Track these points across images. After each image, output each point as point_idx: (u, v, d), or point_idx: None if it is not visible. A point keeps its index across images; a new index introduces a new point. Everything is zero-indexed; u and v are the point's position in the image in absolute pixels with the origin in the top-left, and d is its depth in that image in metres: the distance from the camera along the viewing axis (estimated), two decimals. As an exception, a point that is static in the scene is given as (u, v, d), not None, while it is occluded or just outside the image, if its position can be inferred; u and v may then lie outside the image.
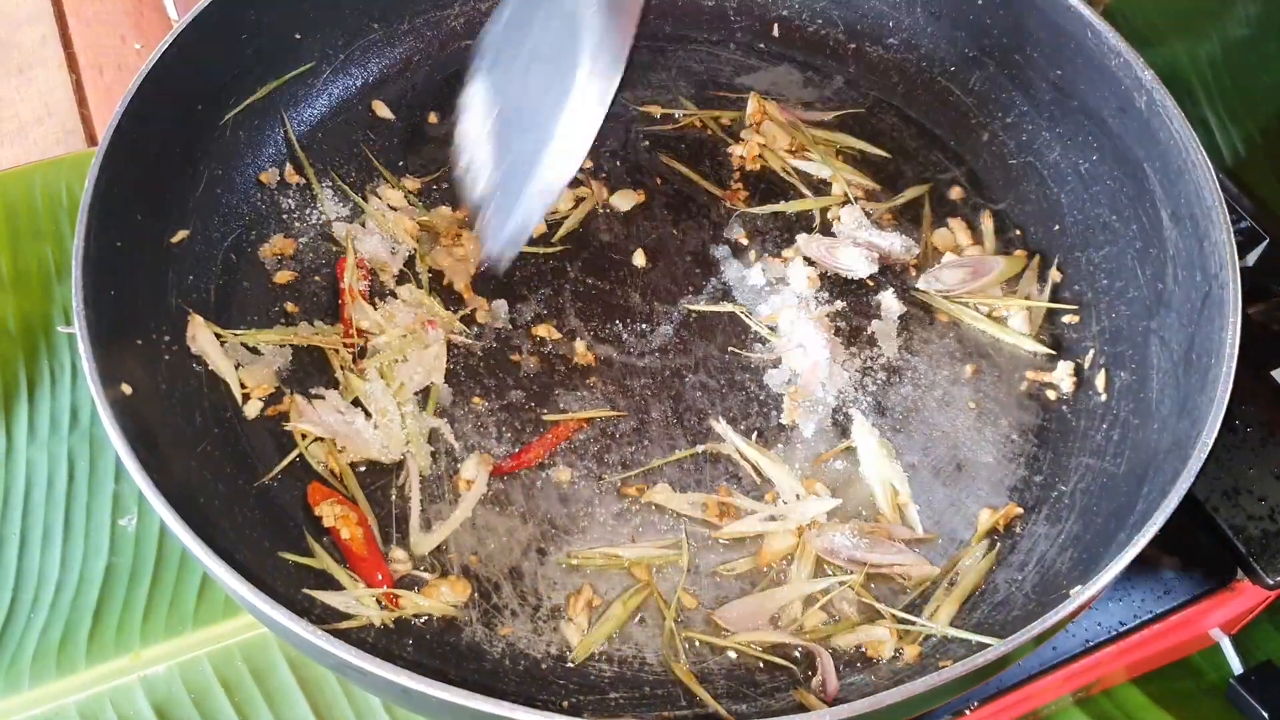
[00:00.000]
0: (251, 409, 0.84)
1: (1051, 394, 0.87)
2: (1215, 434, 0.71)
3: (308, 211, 0.94)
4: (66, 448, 0.95)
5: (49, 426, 0.96)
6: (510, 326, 0.89)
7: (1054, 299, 0.91)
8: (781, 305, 0.90)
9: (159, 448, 0.76)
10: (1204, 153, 0.82)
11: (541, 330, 0.89)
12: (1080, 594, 0.67)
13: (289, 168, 0.96)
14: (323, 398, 0.84)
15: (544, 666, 0.75)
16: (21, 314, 1.01)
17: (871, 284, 0.92)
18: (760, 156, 0.98)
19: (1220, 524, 0.87)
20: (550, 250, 0.93)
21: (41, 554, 0.90)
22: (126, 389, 0.75)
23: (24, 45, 1.23)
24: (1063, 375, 0.87)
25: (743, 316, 0.90)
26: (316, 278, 0.91)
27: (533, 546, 0.80)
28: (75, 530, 0.91)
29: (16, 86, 1.20)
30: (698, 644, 0.76)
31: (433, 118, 1.00)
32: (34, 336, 1.00)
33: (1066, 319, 0.90)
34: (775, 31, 1.05)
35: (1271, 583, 0.85)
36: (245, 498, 0.80)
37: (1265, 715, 0.83)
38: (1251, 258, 0.97)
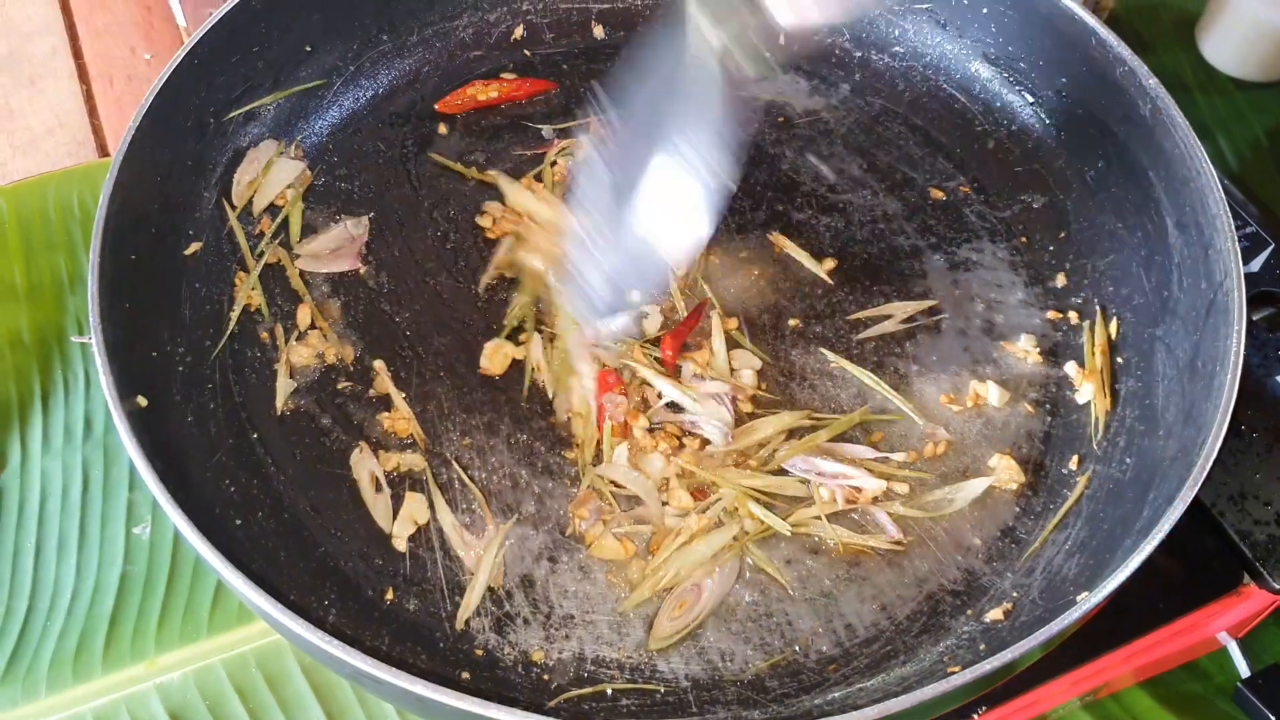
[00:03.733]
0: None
1: (1057, 400, 0.88)
2: (1220, 442, 0.72)
3: (319, 222, 0.95)
4: (81, 457, 0.95)
5: (63, 436, 0.97)
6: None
7: (1059, 306, 0.92)
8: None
9: (175, 459, 0.76)
10: (1209, 161, 0.83)
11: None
12: (1087, 600, 0.68)
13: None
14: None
15: (556, 674, 0.76)
16: (36, 325, 1.02)
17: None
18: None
19: (1227, 529, 0.88)
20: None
21: (57, 563, 0.91)
22: (142, 401, 0.76)
23: (35, 57, 1.24)
24: (1069, 383, 0.88)
25: None
26: (325, 287, 0.92)
27: (544, 554, 0.80)
28: (90, 539, 0.92)
29: (28, 98, 1.21)
30: (706, 646, 0.77)
31: (442, 129, 1.00)
32: (48, 346, 1.01)
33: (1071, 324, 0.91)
34: (781, 40, 1.06)
35: (1278, 587, 0.85)
36: (260, 507, 0.81)
37: (1272, 718, 0.84)
38: (1256, 263, 0.97)
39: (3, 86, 1.22)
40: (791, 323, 0.91)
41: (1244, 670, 0.89)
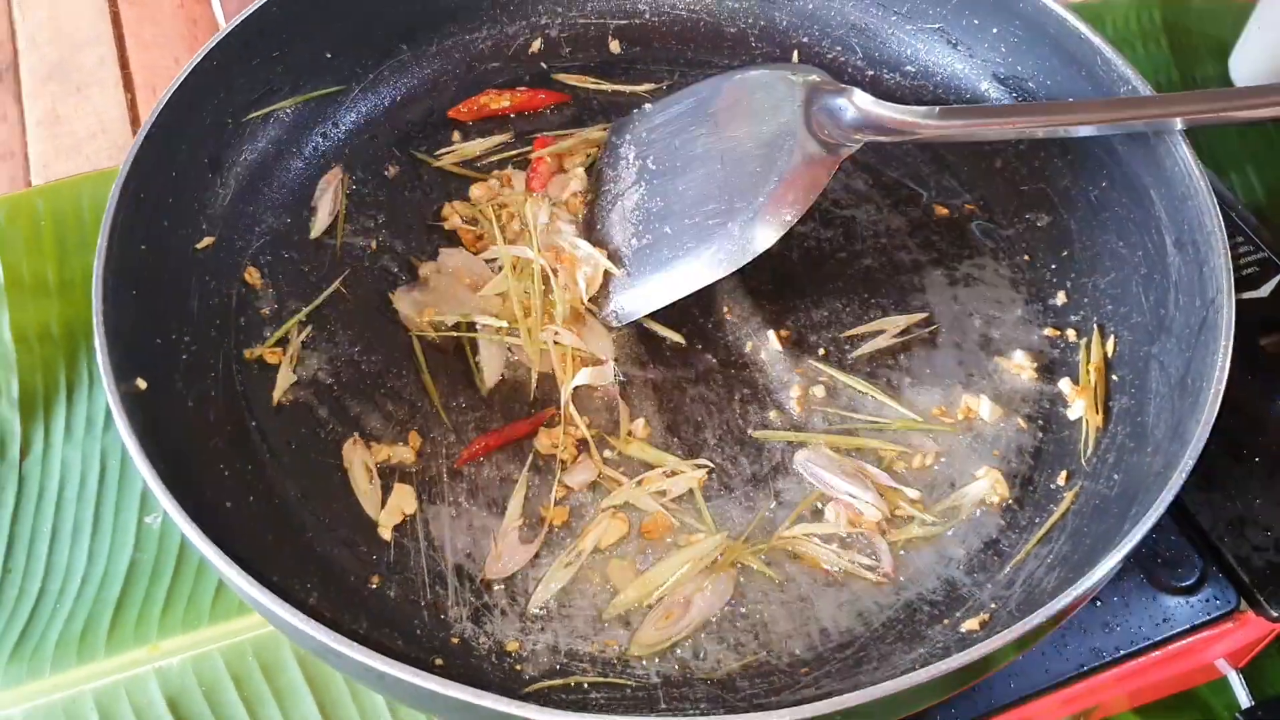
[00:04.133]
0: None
1: (1049, 416, 0.87)
2: (1198, 455, 0.71)
3: (332, 225, 0.97)
4: (99, 447, 0.98)
5: (84, 427, 0.99)
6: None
7: (1057, 324, 0.92)
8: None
9: (171, 442, 0.78)
10: (1207, 179, 0.83)
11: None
12: (1062, 598, 0.67)
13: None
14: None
15: (529, 664, 0.76)
16: (65, 319, 1.05)
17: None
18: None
19: (1225, 554, 0.86)
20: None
21: (70, 548, 0.93)
22: (141, 384, 0.78)
23: (83, 66, 1.29)
24: (1062, 400, 0.88)
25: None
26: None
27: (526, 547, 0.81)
28: (103, 526, 0.94)
29: (75, 104, 1.26)
30: (680, 651, 0.77)
31: (456, 136, 1.03)
32: (75, 341, 1.04)
33: (1068, 342, 0.91)
34: (795, 58, 1.07)
35: (1276, 615, 0.84)
36: (252, 491, 0.82)
37: (1270, 749, 0.83)
38: (1267, 288, 0.96)
39: (52, 93, 1.27)
40: (783, 334, 0.92)
41: (1244, 700, 0.88)
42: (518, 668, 0.76)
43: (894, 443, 0.86)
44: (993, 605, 0.77)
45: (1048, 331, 0.91)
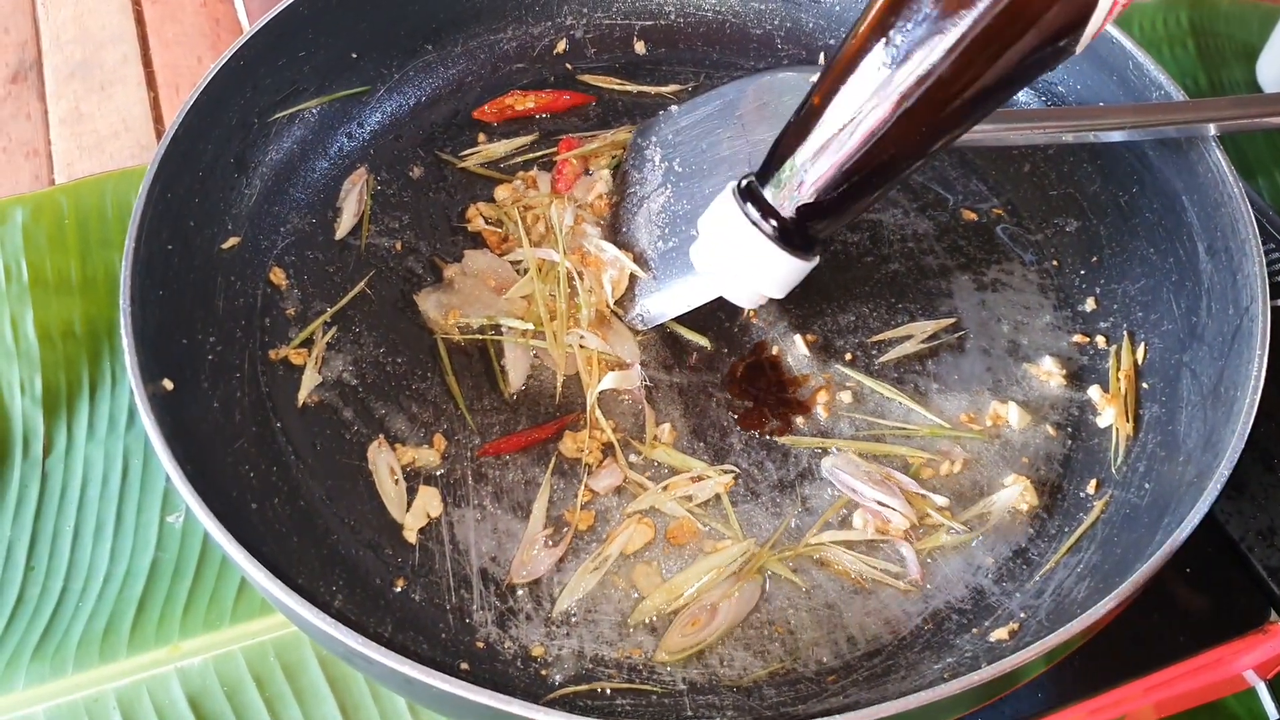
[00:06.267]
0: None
1: (1079, 424, 0.87)
2: (1234, 465, 0.71)
3: (357, 225, 0.97)
4: (123, 446, 0.98)
5: (107, 425, 1.00)
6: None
7: (1087, 330, 0.91)
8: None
9: (197, 443, 0.78)
10: (1241, 184, 0.82)
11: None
12: (1095, 611, 0.66)
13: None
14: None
15: (554, 669, 0.76)
16: (88, 317, 1.05)
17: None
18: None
19: (1254, 564, 0.86)
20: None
21: (93, 547, 0.93)
22: (168, 384, 0.78)
23: (106, 64, 1.29)
24: (1092, 407, 0.87)
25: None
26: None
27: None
28: (126, 525, 0.94)
29: (98, 103, 1.26)
30: (706, 658, 0.77)
31: (481, 137, 1.03)
32: (98, 339, 1.04)
33: (1098, 348, 0.90)
34: (822, 60, 1.07)
35: (1305, 626, 0.84)
36: (277, 493, 0.82)
37: (1300, 762, 0.82)
38: (1298, 295, 0.95)
39: (75, 92, 1.27)
40: (810, 338, 0.91)
41: (1272, 712, 0.87)
42: (543, 673, 0.76)
43: (921, 449, 0.86)
44: (1022, 615, 0.77)
45: (1077, 338, 0.91)
